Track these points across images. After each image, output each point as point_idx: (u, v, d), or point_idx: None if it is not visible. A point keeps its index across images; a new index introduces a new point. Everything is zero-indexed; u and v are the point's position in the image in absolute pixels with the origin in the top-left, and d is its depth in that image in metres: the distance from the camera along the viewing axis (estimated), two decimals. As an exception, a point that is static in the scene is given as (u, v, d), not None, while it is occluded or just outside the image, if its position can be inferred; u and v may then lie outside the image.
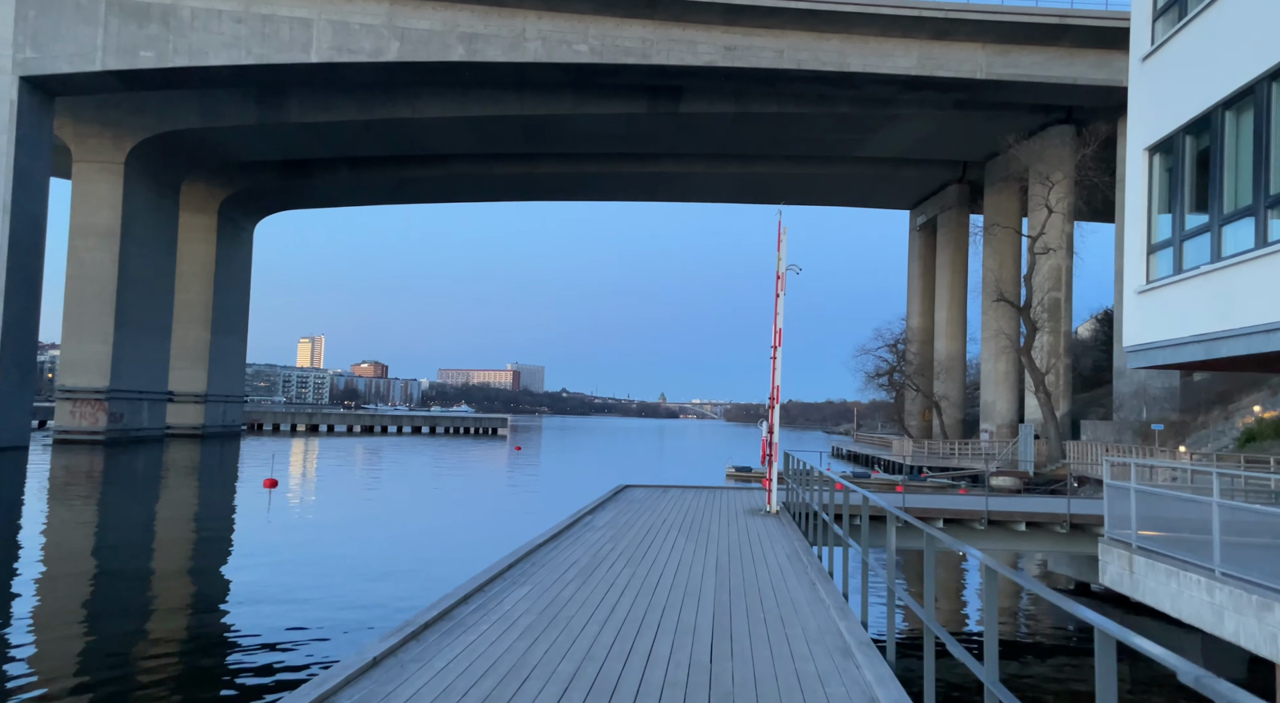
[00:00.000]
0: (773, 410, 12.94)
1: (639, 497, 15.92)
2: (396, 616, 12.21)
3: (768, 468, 13.20)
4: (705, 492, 17.33)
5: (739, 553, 9.27)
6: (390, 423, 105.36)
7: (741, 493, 17.08)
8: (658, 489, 17.50)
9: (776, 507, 13.42)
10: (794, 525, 11.74)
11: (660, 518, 12.49)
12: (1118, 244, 48.83)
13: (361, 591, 14.86)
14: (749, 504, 15.03)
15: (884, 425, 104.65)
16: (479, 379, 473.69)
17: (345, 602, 13.95)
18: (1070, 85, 46.46)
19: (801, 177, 69.27)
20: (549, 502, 32.01)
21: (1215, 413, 41.59)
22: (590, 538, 10.19)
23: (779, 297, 12.77)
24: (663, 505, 14.31)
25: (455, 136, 61.52)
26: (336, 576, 16.49)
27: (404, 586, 15.22)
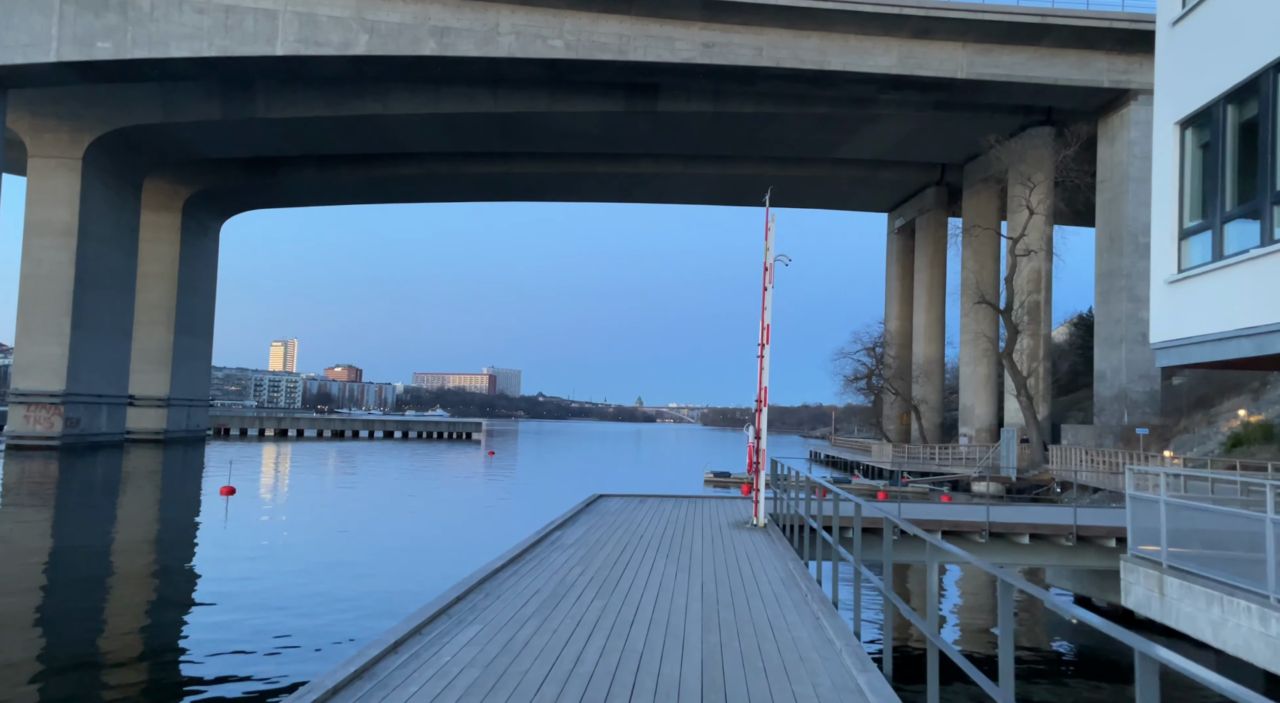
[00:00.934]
0: (760, 414, 11.84)
1: (614, 508, 14.66)
2: (322, 659, 10.93)
3: (755, 477, 12.08)
4: (686, 502, 16.15)
5: (727, 577, 8.16)
6: (362, 428, 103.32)
7: (724, 503, 15.88)
8: (634, 499, 16.24)
9: (764, 519, 12.36)
10: (784, 541, 10.59)
11: (637, 534, 11.37)
12: (1098, 246, 48.43)
13: (292, 622, 13.30)
14: (734, 516, 13.93)
15: (860, 430, 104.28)
16: (455, 383, 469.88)
17: (270, 637, 12.43)
18: (1051, 85, 45.98)
19: (780, 178, 68.25)
20: (518, 512, 30.60)
21: (1198, 417, 41.13)
22: (557, 560, 8.95)
23: (767, 290, 11.70)
24: (640, 518, 13.19)
25: (428, 134, 60.10)
26: (270, 601, 14.87)
27: (341, 618, 13.64)
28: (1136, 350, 45.07)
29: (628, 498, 16.46)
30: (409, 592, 14.77)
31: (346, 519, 27.84)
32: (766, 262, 11.80)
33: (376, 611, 13.94)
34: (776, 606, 6.94)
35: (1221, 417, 39.37)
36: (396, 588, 15.96)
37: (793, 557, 9.27)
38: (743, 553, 9.62)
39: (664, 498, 16.76)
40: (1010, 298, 45.34)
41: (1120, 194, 45.59)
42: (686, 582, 7.78)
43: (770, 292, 11.67)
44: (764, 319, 11.85)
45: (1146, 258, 45.94)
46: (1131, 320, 45.24)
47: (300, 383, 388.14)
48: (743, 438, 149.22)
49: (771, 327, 12.39)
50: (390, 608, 13.72)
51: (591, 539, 10.56)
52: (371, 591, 16.01)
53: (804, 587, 7.64)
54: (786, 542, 10.44)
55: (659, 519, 13.21)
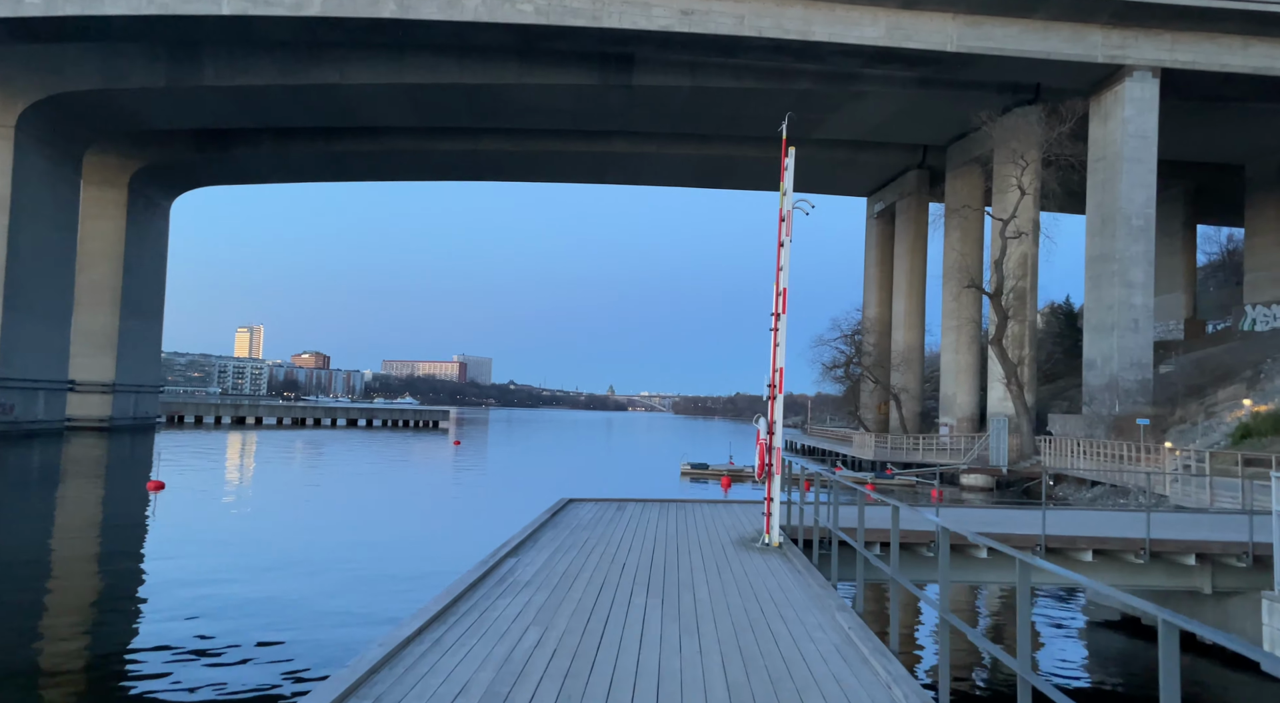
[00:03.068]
0: (773, 402, 9.43)
1: (586, 519, 12.11)
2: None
3: (766, 482, 9.67)
4: (673, 508, 13.49)
5: (755, 644, 5.58)
6: (324, 415, 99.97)
7: (719, 510, 13.27)
8: (610, 505, 13.60)
9: (779, 537, 9.83)
10: (812, 569, 8.16)
11: (617, 561, 8.95)
12: (1089, 229, 46.72)
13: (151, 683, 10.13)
14: (735, 529, 11.43)
15: (833, 418, 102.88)
16: (424, 371, 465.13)
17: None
18: (1043, 60, 44.03)
19: (759, 160, 66.16)
20: (479, 515, 27.57)
21: (1193, 406, 39.60)
22: (505, 614, 6.32)
23: (782, 246, 9.38)
24: (618, 535, 10.78)
25: (391, 107, 56.94)
26: (136, 641, 11.95)
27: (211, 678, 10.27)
28: (1129, 337, 43.49)
29: (602, 503, 13.83)
30: (314, 648, 11.50)
31: (278, 528, 23.71)
32: (782, 210, 9.48)
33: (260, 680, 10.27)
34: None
35: (1220, 406, 37.84)
36: (303, 639, 12.07)
37: (836, 601, 6.75)
38: (764, 594, 7.16)
39: (646, 503, 14.07)
40: (1000, 282, 43.48)
41: (1114, 175, 43.84)
42: (698, 656, 5.18)
43: (787, 247, 9.31)
44: (779, 282, 9.50)
45: (1140, 241, 44.42)
46: (1124, 306, 43.63)
47: (266, 370, 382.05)
48: (718, 428, 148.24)
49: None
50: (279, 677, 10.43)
51: (556, 572, 8.17)
52: (284, 637, 12.07)
53: (878, 665, 5.13)
54: (814, 570, 8.04)
55: (643, 536, 10.84)
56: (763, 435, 9.71)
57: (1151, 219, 43.75)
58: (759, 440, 9.81)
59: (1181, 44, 42.93)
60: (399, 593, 14.66)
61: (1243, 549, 9.99)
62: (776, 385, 9.31)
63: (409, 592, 14.30)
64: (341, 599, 14.45)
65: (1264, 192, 59.86)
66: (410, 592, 14.19)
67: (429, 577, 15.14)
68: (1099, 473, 30.88)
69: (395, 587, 15.34)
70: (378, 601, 14.25)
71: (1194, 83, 44.14)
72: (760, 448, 9.72)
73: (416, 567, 17.53)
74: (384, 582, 15.93)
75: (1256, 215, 60.65)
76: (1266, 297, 58.53)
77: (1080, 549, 10.09)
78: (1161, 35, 42.98)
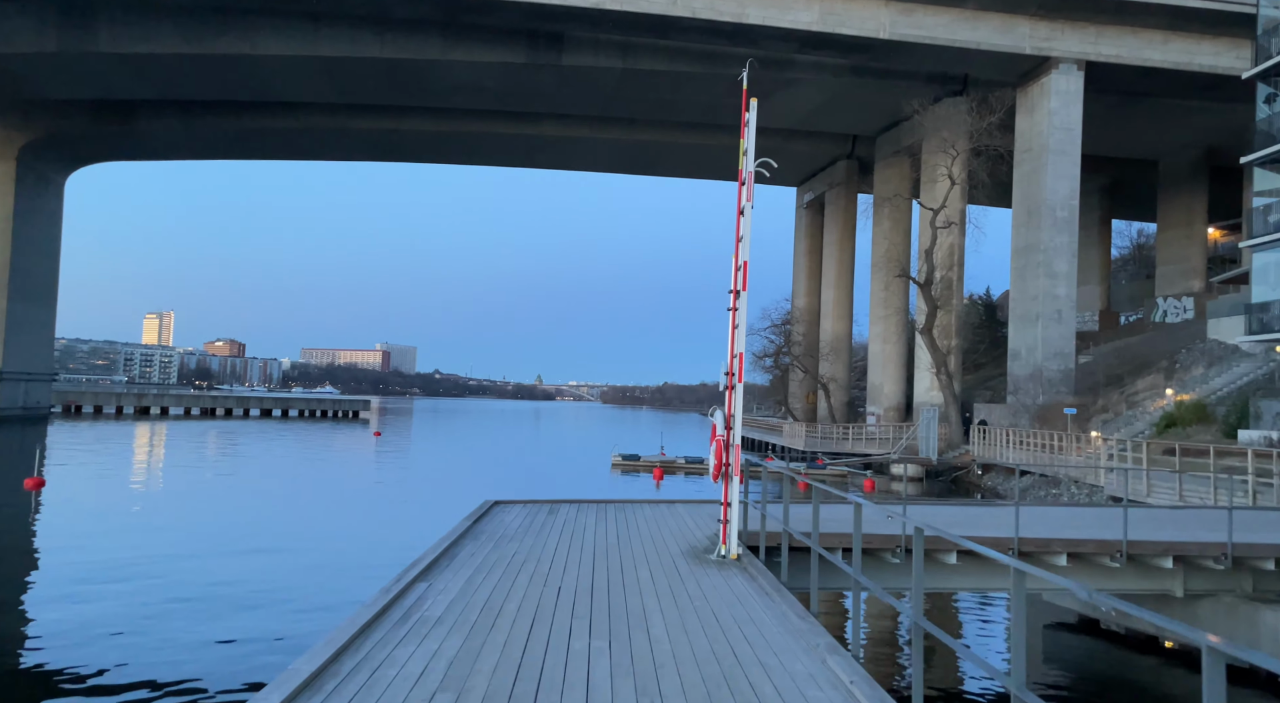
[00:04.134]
0: (731, 392, 8.27)
1: (513, 527, 10.55)
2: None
3: (724, 483, 8.59)
4: (610, 511, 11.97)
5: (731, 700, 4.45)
6: (237, 405, 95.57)
7: (663, 512, 11.92)
8: (541, 508, 12.06)
9: (738, 548, 8.60)
10: (781, 589, 7.00)
11: (551, 582, 7.56)
12: (1015, 221, 47.22)
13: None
14: (684, 536, 10.17)
15: (759, 408, 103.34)
16: (345, 359, 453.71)
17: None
18: (973, 50, 44.16)
19: (689, 147, 65.35)
20: (392, 523, 24.01)
21: (1114, 396, 40.34)
22: (406, 672, 4.85)
23: (742, 214, 8.25)
24: (551, 547, 9.36)
25: (306, 81, 54.02)
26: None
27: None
28: (1052, 328, 44.11)
29: (531, 506, 12.27)
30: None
31: (153, 538, 20.17)
32: (742, 172, 8.37)
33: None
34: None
35: (1140, 396, 38.58)
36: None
37: (825, 640, 5.32)
38: (733, 628, 6.00)
39: (580, 505, 12.51)
40: (929, 272, 43.55)
41: (1039, 166, 44.32)
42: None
43: (748, 215, 8.17)
44: (739, 255, 8.36)
45: (1065, 232, 45.01)
46: (1048, 297, 44.22)
47: (177, 358, 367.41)
48: (646, 418, 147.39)
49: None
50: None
51: (477, 603, 6.68)
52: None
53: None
54: (785, 592, 6.80)
55: (580, 547, 9.42)
56: (720, 430, 8.53)
57: (1075, 211, 44.41)
58: (714, 436, 8.66)
59: (1105, 37, 43.56)
60: (279, 634, 11.83)
61: (1221, 550, 9.35)
62: (736, 373, 8.18)
63: (293, 632, 11.70)
64: (202, 634, 11.68)
65: (1175, 187, 61.76)
66: (295, 631, 11.70)
67: (321, 611, 12.69)
68: (1029, 462, 30.91)
69: (274, 623, 12.38)
70: (247, 637, 11.57)
71: (1116, 77, 44.89)
72: (717, 445, 8.54)
73: (309, 593, 14.62)
74: (261, 612, 12.88)
75: (1168, 210, 62.58)
76: (1177, 289, 60.50)
77: (1054, 552, 9.31)
78: (1087, 28, 43.53)
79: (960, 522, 10.69)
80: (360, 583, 13.68)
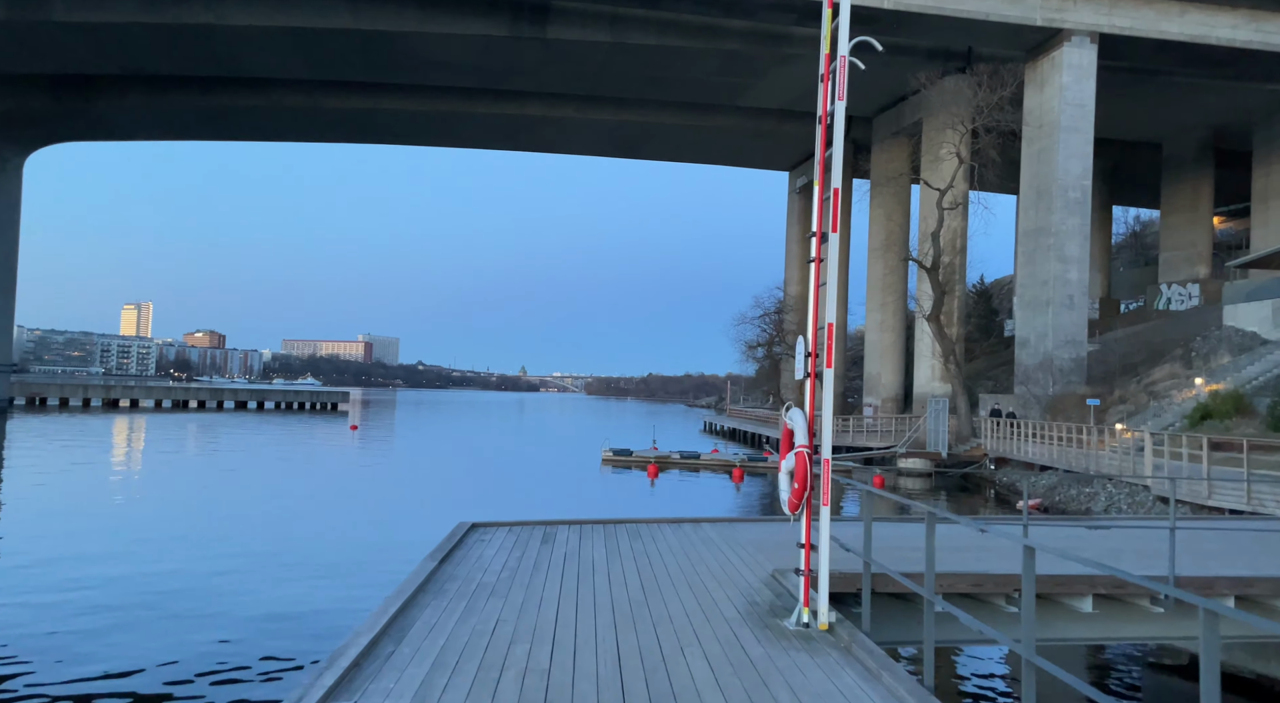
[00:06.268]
0: (814, 381, 5.77)
1: (495, 567, 7.87)
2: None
3: (805, 516, 5.90)
4: (623, 534, 9.27)
5: None
6: (210, 398, 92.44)
7: (690, 536, 9.28)
8: (533, 534, 9.31)
9: (829, 614, 5.80)
10: (918, 690, 4.62)
11: (556, 686, 4.92)
12: (1023, 203, 45.13)
13: None
14: (734, 583, 7.31)
15: (746, 398, 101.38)
16: (327, 351, 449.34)
17: None
18: (981, 21, 41.87)
19: (680, 128, 62.88)
20: (344, 544, 18.84)
21: (1132, 386, 38.33)
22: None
23: (829, 120, 5.85)
24: (551, 607, 6.62)
25: (275, 56, 51.16)
26: None
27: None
28: (1063, 314, 42.07)
29: (520, 530, 9.56)
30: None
31: (66, 553, 16.41)
32: (828, 62, 5.96)
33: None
34: None
35: (1160, 385, 36.57)
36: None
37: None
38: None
39: (582, 527, 9.81)
40: (936, 256, 41.37)
41: (1050, 145, 42.18)
42: None
43: (839, 116, 5.69)
44: (823, 179, 5.88)
45: (1077, 214, 42.83)
46: (1059, 282, 42.15)
47: (155, 349, 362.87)
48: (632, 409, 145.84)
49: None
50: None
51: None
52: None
53: None
54: (927, 696, 4.53)
55: (594, 606, 6.68)
56: (799, 437, 5.81)
57: (1088, 191, 42.35)
58: (789, 445, 5.99)
59: (1120, 8, 41.42)
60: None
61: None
62: (823, 353, 5.64)
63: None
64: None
65: (1180, 171, 59.93)
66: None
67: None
68: (1049, 456, 28.78)
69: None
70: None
71: (1130, 50, 42.77)
72: (799, 460, 5.80)
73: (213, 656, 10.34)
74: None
75: (1172, 195, 60.75)
76: (1181, 276, 58.73)
77: (1219, 593, 7.03)
78: (1100, -1, 41.40)
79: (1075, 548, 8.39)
80: (298, 640, 10.81)
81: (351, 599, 12.52)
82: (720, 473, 36.21)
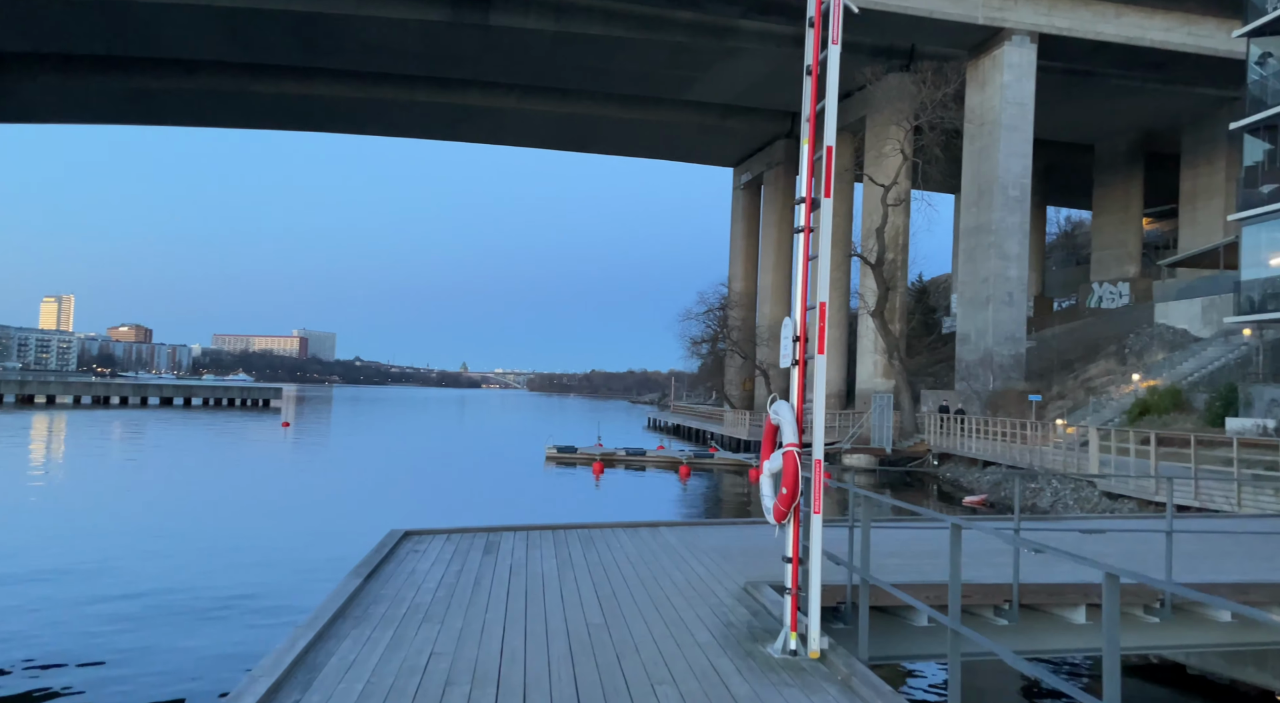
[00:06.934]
0: (802, 367, 5.01)
1: (431, 584, 6.89)
2: None
3: (793, 525, 5.14)
4: (575, 541, 8.38)
5: None
6: (134, 394, 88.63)
7: (649, 543, 8.47)
8: (474, 542, 8.31)
9: (821, 642, 5.04)
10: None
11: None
12: (964, 200, 45.64)
13: None
14: (705, 601, 6.53)
15: (689, 395, 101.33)
16: (261, 346, 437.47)
17: None
18: (925, 18, 42.10)
19: (625, 121, 62.12)
20: (269, 549, 17.13)
21: (1070, 382, 38.97)
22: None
23: (819, 69, 5.11)
24: (494, 636, 5.64)
25: (203, 36, 48.88)
26: None
27: None
28: (1004, 311, 42.62)
29: (459, 537, 8.57)
30: None
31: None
32: (819, 3, 5.27)
33: None
34: None
35: (1097, 381, 37.21)
36: None
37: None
38: None
39: (529, 533, 8.87)
40: (881, 252, 41.46)
41: (992, 143, 42.64)
42: None
43: (833, 64, 4.97)
44: (814, 137, 5.16)
45: (1017, 212, 43.32)
46: (999, 279, 42.67)
47: (77, 343, 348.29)
48: (575, 406, 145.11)
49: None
50: None
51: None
52: None
53: None
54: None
55: (546, 634, 5.72)
56: (787, 434, 4.81)
57: (1027, 190, 42.95)
58: (774, 447, 5.11)
59: (1059, 9, 42.03)
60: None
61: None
62: (814, 336, 4.84)
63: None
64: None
65: (1111, 173, 61.42)
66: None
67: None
68: (992, 452, 28.88)
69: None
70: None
71: (1068, 51, 43.47)
72: (787, 461, 4.84)
73: None
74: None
75: (1104, 196, 62.23)
76: (1112, 275, 60.22)
77: (1216, 604, 6.60)
78: (1040, 0, 41.95)
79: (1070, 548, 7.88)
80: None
81: (257, 636, 10.49)
82: (667, 470, 35.67)
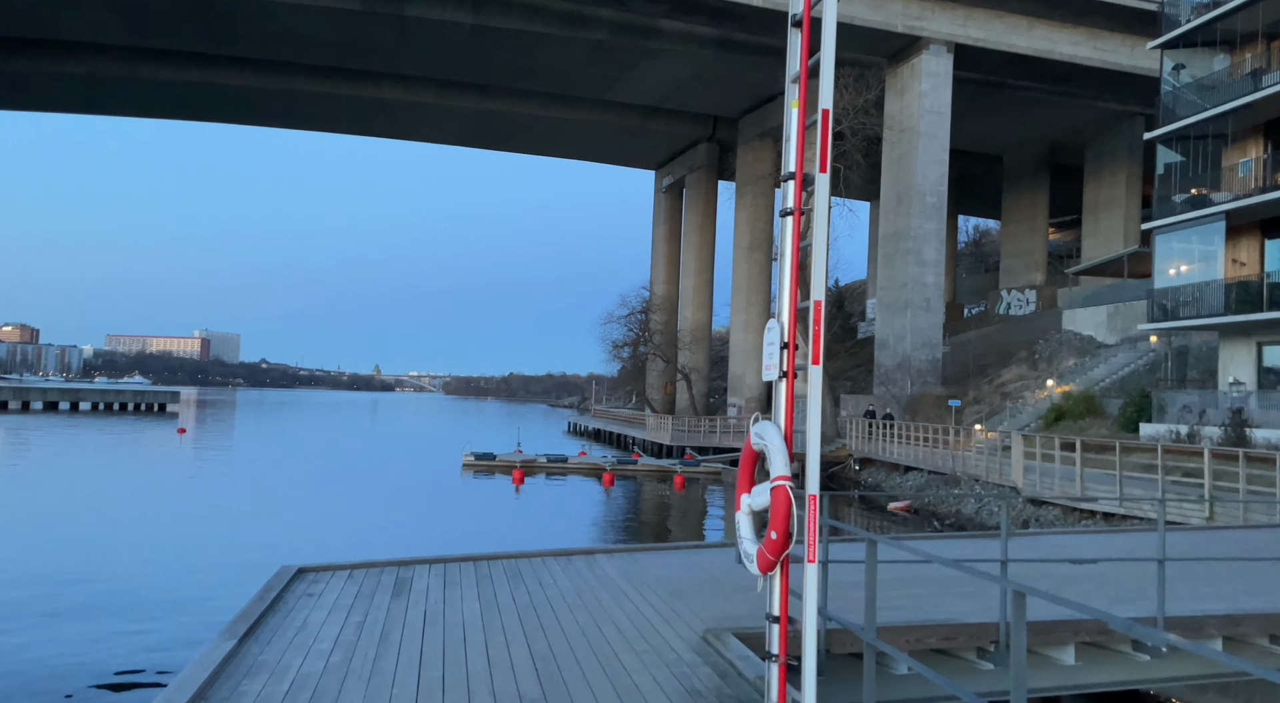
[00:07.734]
0: (791, 380, 3.91)
1: (326, 642, 5.58)
2: None
3: (780, 575, 3.86)
4: (502, 574, 7.20)
5: None
6: (14, 398, 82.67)
7: (584, 574, 7.39)
8: (382, 578, 7.03)
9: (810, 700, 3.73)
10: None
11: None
12: (884, 207, 46.13)
13: None
14: (658, 653, 5.49)
15: (609, 399, 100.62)
16: (158, 347, 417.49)
17: None
18: (845, 24, 42.13)
19: (545, 120, 60.98)
20: (131, 591, 13.98)
21: (985, 387, 39.69)
22: None
23: (810, 24, 4.23)
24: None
25: (92, 17, 45.77)
26: None
27: None
28: (921, 316, 43.21)
29: (366, 574, 7.22)
30: None
31: None
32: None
33: None
34: None
35: (1010, 386, 37.98)
36: None
37: None
38: None
39: (446, 566, 7.48)
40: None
41: (910, 150, 43.22)
42: None
43: (829, 19, 4.17)
44: (804, 100, 4.33)
45: (934, 219, 43.98)
46: (917, 284, 43.26)
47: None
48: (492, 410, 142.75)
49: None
50: None
51: None
52: None
53: None
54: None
55: (462, 695, 4.59)
56: (777, 465, 3.67)
57: (944, 197, 43.68)
58: (753, 476, 3.84)
59: (974, 20, 42.92)
60: None
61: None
62: (808, 342, 3.72)
63: None
64: None
65: (1019, 183, 63.38)
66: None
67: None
68: (915, 457, 28.94)
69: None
70: None
71: (982, 62, 44.43)
72: (777, 499, 3.68)
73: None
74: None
75: (1012, 205, 64.18)
76: (1019, 282, 62.08)
77: (1209, 636, 6.07)
78: (956, 9, 42.73)
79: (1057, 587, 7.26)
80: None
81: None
82: (590, 477, 34.73)
